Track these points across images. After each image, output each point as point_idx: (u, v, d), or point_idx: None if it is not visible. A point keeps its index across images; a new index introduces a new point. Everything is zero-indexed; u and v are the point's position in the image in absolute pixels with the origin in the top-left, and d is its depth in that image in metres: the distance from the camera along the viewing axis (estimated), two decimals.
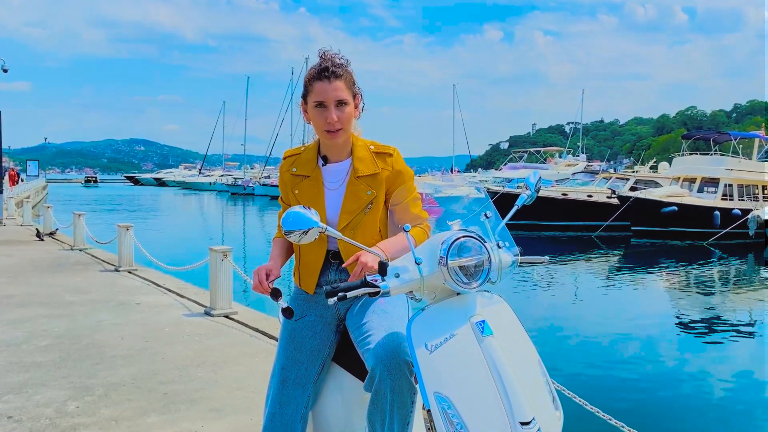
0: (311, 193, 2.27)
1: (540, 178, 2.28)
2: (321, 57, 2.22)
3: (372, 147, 2.30)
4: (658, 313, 12.16)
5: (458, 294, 1.89)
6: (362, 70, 2.53)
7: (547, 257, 2.27)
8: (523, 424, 1.72)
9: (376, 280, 1.86)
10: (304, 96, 2.24)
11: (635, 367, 8.03)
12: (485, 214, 2.00)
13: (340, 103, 2.17)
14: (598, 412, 3.51)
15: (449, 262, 1.83)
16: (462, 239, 1.87)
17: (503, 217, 2.09)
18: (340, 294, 1.84)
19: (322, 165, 2.30)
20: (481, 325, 1.82)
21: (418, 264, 1.86)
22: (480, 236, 1.91)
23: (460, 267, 1.85)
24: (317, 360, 2.29)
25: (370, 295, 1.87)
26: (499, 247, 1.97)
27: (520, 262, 2.07)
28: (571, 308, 12.50)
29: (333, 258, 2.30)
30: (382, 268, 1.87)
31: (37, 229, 14.97)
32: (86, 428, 3.68)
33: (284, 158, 2.38)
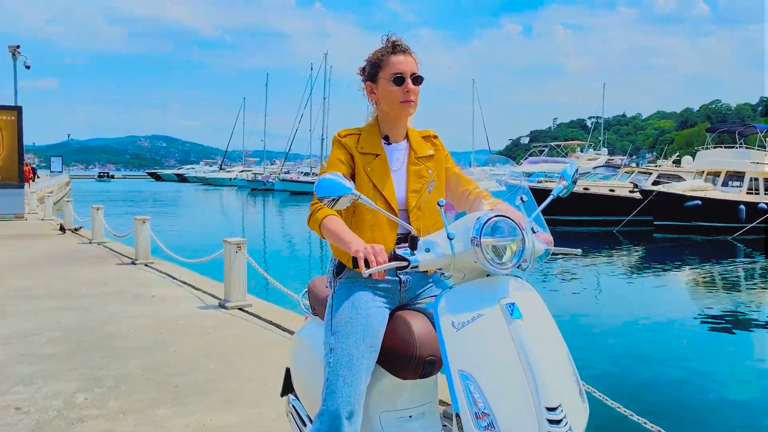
0: (382, 171, 2.24)
1: (577, 169, 2.18)
2: (386, 39, 2.27)
3: (417, 133, 2.37)
4: (681, 309, 11.90)
5: (488, 275, 1.84)
6: None
7: (580, 249, 2.17)
8: (549, 409, 1.65)
9: (405, 254, 1.83)
10: (374, 74, 2.26)
11: (658, 364, 7.83)
12: (521, 198, 1.95)
13: (417, 78, 2.23)
14: (619, 407, 3.37)
15: (482, 240, 1.79)
16: (496, 219, 1.82)
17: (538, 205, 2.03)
18: (378, 267, 1.82)
19: (386, 144, 2.31)
20: (510, 307, 1.77)
21: (451, 239, 1.82)
22: (515, 218, 1.86)
23: (494, 248, 1.81)
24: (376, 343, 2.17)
25: (399, 269, 1.84)
26: (534, 232, 1.92)
27: (553, 252, 2.02)
28: (592, 304, 12.28)
29: (402, 242, 2.18)
30: (413, 242, 1.85)
31: (60, 223, 15.08)
32: (93, 420, 3.61)
33: (343, 136, 2.29)
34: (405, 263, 1.82)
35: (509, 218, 1.84)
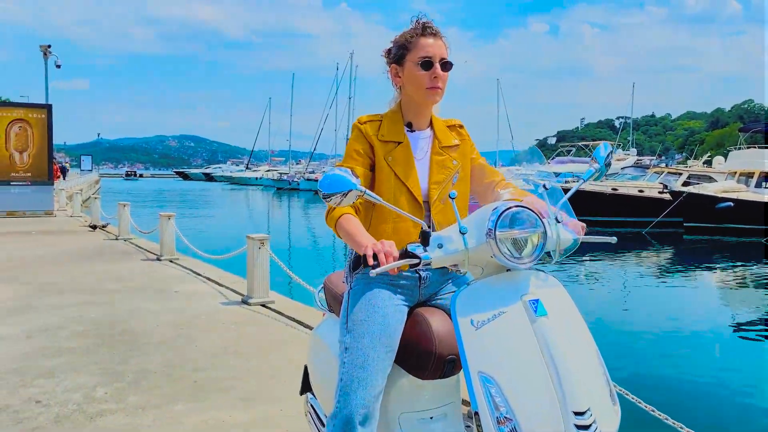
0: (404, 160, 2.12)
1: (611, 151, 2.05)
2: (416, 20, 2.13)
3: (441, 122, 2.24)
4: (712, 312, 11.59)
5: (508, 270, 1.72)
6: None
7: (613, 237, 1.97)
8: (576, 413, 1.53)
9: (417, 250, 1.73)
10: (400, 56, 2.12)
11: (691, 368, 7.61)
12: (543, 185, 1.82)
13: (446, 64, 2.10)
14: (653, 411, 3.23)
15: (498, 233, 1.66)
16: (515, 210, 1.69)
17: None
18: (379, 267, 1.71)
19: (409, 132, 2.18)
20: (534, 304, 1.65)
21: (463, 234, 1.71)
22: (536, 208, 1.73)
23: (513, 241, 1.68)
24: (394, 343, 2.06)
25: (411, 266, 1.75)
26: (558, 222, 1.78)
27: (584, 241, 1.87)
28: (621, 306, 12.03)
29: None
30: (425, 238, 1.74)
31: (90, 221, 15.28)
32: (112, 414, 3.57)
33: (363, 122, 2.17)
34: (416, 260, 1.72)
35: (528, 208, 1.71)
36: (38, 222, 15.94)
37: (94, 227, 14.58)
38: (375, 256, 1.73)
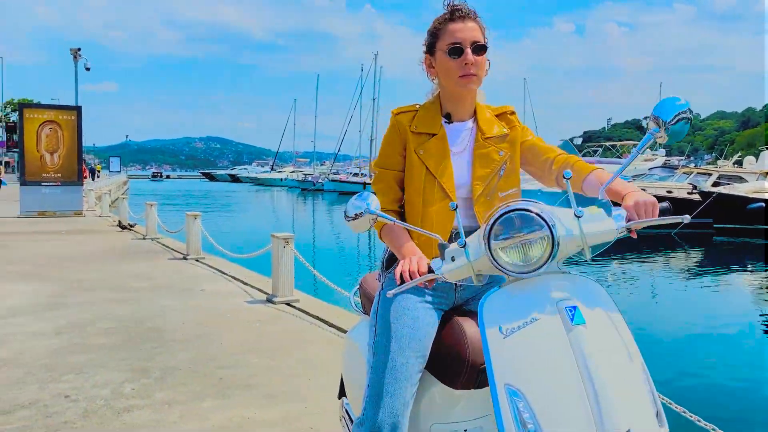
0: (438, 153, 1.97)
1: (683, 110, 1.54)
2: (449, 5, 1.99)
3: (489, 111, 2.07)
4: (746, 316, 11.35)
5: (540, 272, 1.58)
6: None
7: (687, 216, 1.57)
8: None
9: (435, 264, 1.68)
10: (431, 45, 2.00)
11: (732, 374, 7.45)
12: (563, 175, 1.60)
13: (479, 47, 1.92)
14: (698, 420, 3.14)
15: (493, 243, 1.54)
16: (511, 214, 1.54)
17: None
18: (401, 286, 1.69)
19: (446, 123, 2.03)
20: (571, 311, 1.49)
21: (462, 247, 1.61)
22: (538, 208, 1.54)
23: (521, 246, 1.53)
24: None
25: (429, 281, 1.69)
26: (579, 216, 1.55)
27: (629, 229, 1.60)
28: (651, 309, 11.84)
29: (455, 238, 1.90)
30: (441, 250, 1.67)
31: (119, 220, 15.51)
32: (139, 410, 3.60)
33: (396, 113, 2.05)
34: (432, 276, 1.66)
35: (527, 210, 1.53)
36: (68, 222, 16.22)
37: (122, 227, 14.80)
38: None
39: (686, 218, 1.53)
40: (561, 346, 1.46)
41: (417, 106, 2.07)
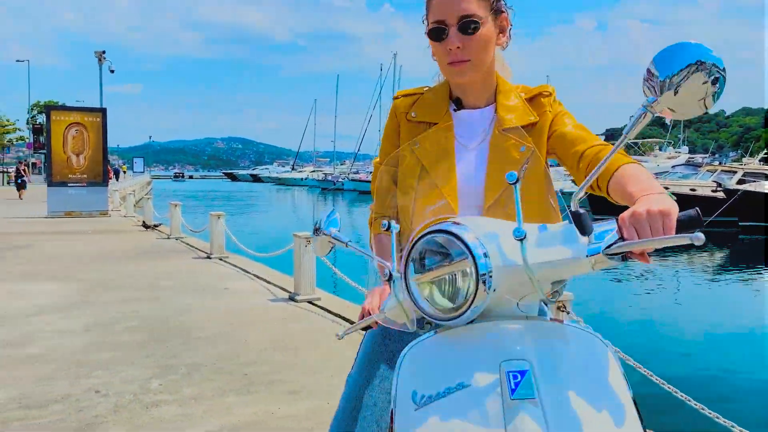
0: (438, 147, 1.53)
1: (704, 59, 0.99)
2: None
3: (523, 94, 1.58)
4: None
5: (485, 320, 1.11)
6: None
7: (701, 236, 0.93)
8: None
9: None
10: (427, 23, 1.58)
11: (754, 373, 7.38)
12: (506, 178, 1.10)
13: (468, 24, 1.43)
14: (718, 417, 3.15)
15: (411, 279, 1.14)
16: (426, 238, 1.12)
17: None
18: (348, 329, 1.44)
19: (454, 110, 1.59)
20: (516, 376, 1.02)
21: (389, 281, 1.23)
22: (460, 229, 1.08)
23: (452, 279, 1.11)
24: None
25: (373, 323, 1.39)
26: (521, 240, 1.04)
27: (622, 252, 1.03)
28: (674, 310, 11.74)
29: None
30: (390, 284, 1.27)
31: (143, 220, 15.75)
32: (167, 405, 3.69)
33: (398, 97, 1.68)
34: (376, 318, 1.34)
35: (448, 231, 1.08)
36: (94, 222, 16.50)
37: (146, 227, 15.03)
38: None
39: (700, 238, 0.92)
40: (492, 425, 0.99)
41: (424, 89, 1.66)
